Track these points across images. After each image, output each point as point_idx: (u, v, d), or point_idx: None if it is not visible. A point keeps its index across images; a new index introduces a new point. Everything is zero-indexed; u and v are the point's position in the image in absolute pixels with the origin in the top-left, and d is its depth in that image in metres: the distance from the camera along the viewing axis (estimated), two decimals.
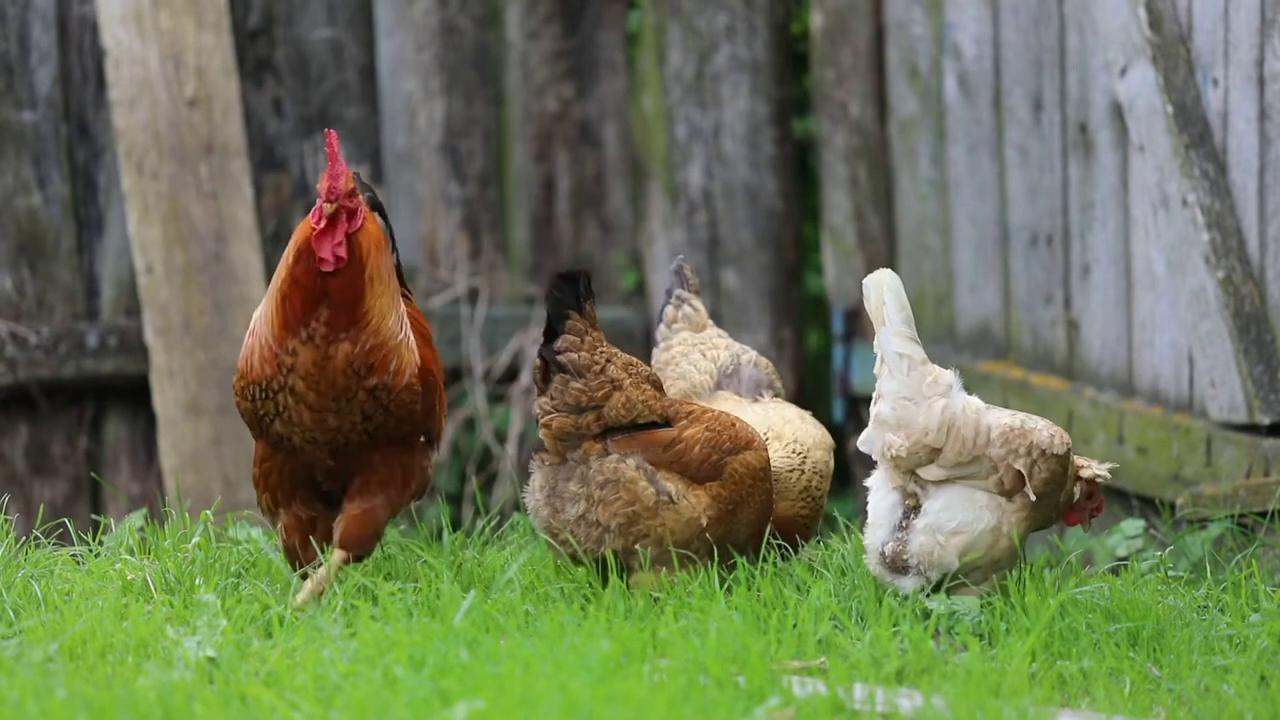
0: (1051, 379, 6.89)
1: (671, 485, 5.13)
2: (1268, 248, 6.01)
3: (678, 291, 5.80)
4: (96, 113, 7.23)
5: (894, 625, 4.75)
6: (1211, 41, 6.14)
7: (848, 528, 5.63)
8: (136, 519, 5.79)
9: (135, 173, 7.19)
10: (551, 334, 5.16)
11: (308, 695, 4.16)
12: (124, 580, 5.03)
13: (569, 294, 5.16)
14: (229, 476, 7.23)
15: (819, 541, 5.65)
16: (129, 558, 5.15)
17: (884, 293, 5.11)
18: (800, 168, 7.93)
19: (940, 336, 7.36)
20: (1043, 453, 5.08)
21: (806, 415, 5.61)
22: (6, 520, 5.30)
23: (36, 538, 5.31)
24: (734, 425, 5.25)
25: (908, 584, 5.07)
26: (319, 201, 4.93)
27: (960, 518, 5.06)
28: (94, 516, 6.89)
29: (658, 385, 5.25)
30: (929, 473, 5.06)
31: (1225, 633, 4.84)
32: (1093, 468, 5.27)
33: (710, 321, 5.80)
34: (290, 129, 7.52)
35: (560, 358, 5.15)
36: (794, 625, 4.69)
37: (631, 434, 5.15)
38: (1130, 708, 4.41)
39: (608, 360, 5.17)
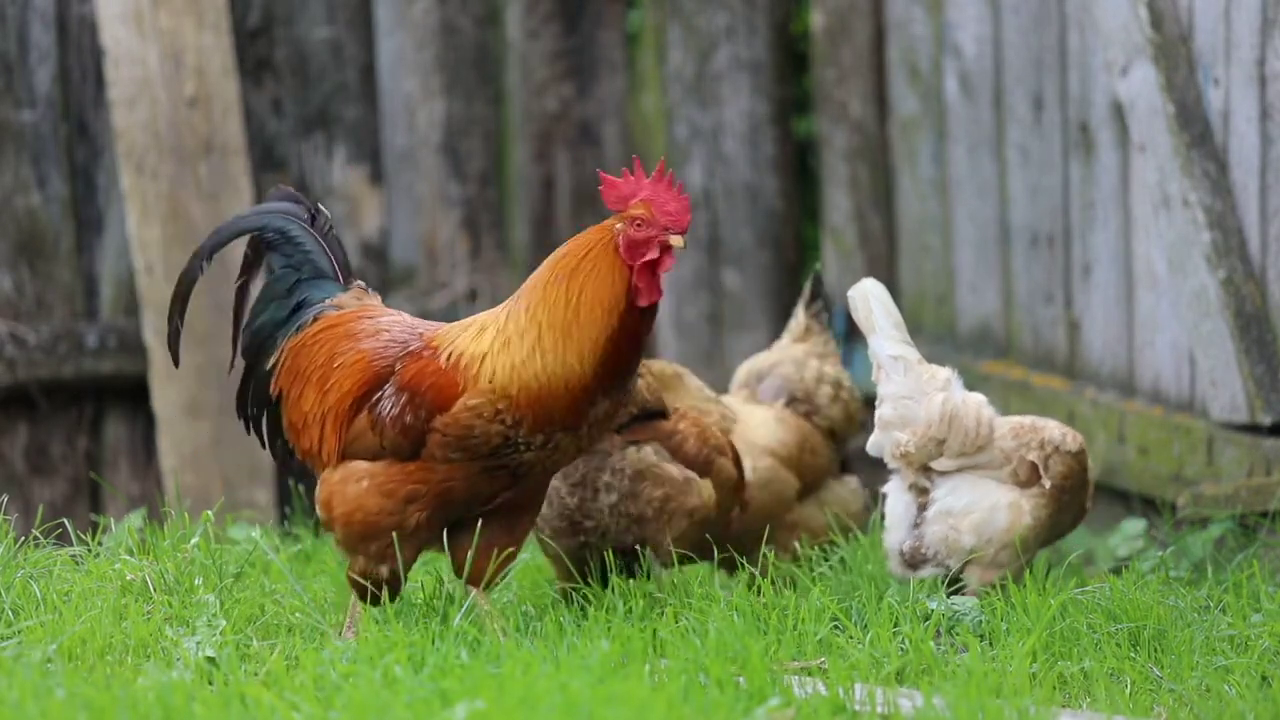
0: (1052, 379, 6.89)
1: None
2: (1269, 247, 6.01)
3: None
4: (96, 112, 7.22)
5: (894, 625, 4.74)
6: (1212, 41, 6.13)
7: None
8: (136, 519, 5.78)
9: (135, 172, 7.18)
10: None
11: (307, 695, 4.15)
12: (123, 581, 5.02)
13: None
14: (229, 477, 7.22)
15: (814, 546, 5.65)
16: (128, 558, 5.14)
17: (870, 301, 5.15)
18: (800, 167, 7.92)
19: (941, 336, 7.36)
20: (1055, 448, 5.11)
21: (785, 420, 5.62)
22: (6, 520, 5.29)
23: (36, 538, 5.30)
24: (707, 429, 5.25)
25: (928, 575, 5.08)
26: (656, 230, 4.44)
27: (968, 496, 5.08)
28: (93, 516, 6.88)
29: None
30: (940, 464, 5.09)
31: (1227, 633, 4.83)
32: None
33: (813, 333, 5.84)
34: (290, 129, 7.51)
35: None
36: (794, 626, 4.69)
37: (639, 425, 5.15)
38: (1131, 708, 4.41)
39: None
